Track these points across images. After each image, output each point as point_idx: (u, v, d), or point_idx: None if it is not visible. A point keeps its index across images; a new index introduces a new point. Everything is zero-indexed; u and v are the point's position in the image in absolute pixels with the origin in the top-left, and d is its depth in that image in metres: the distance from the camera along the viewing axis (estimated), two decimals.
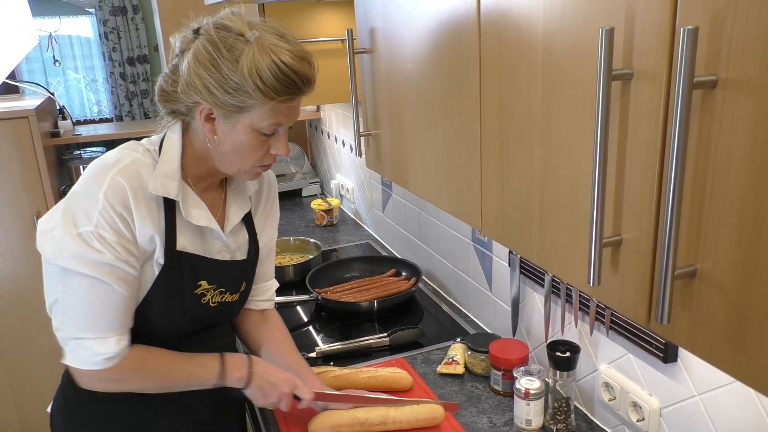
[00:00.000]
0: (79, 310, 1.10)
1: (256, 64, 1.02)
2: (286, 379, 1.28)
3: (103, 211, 1.06)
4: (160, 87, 1.15)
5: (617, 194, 0.67)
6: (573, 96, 0.72)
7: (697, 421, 1.12)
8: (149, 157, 1.14)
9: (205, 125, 1.10)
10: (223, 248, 1.26)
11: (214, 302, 1.26)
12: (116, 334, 1.12)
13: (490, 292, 1.76)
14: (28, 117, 2.55)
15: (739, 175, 0.54)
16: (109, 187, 1.06)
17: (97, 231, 1.06)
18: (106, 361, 1.12)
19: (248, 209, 1.31)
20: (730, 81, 0.53)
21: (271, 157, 1.16)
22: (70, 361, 1.13)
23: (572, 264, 0.78)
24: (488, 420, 1.40)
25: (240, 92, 1.04)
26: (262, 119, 1.08)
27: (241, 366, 1.25)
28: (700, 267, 0.59)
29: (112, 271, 1.08)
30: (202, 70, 1.05)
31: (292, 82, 1.05)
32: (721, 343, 0.58)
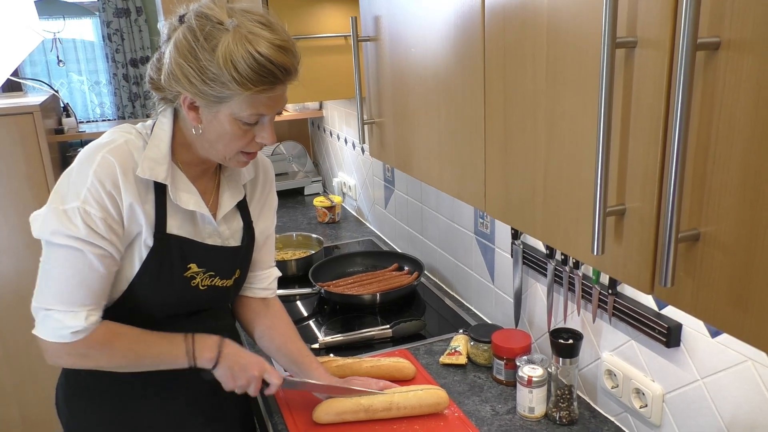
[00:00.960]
0: (55, 281, 1.10)
1: (231, 54, 1.00)
2: (255, 362, 1.27)
3: (92, 187, 1.07)
4: (149, 75, 1.15)
5: (621, 163, 0.68)
6: (577, 67, 0.73)
7: (700, 406, 1.12)
8: (141, 139, 1.15)
9: (189, 113, 1.11)
10: (215, 233, 1.26)
11: (204, 285, 1.26)
12: (87, 309, 1.12)
13: (492, 284, 1.77)
14: (33, 113, 2.56)
15: (741, 137, 0.54)
16: (100, 165, 1.08)
17: (83, 206, 1.07)
18: (72, 335, 1.11)
19: (242, 197, 1.31)
20: (732, 42, 0.53)
21: (257, 145, 1.15)
22: (38, 331, 1.13)
23: (576, 236, 0.78)
24: (491, 408, 1.40)
25: (217, 82, 1.03)
26: (243, 109, 1.07)
27: (211, 347, 1.24)
28: (704, 231, 0.59)
29: (92, 247, 1.09)
30: (182, 60, 1.04)
31: (268, 72, 1.03)
32: (724, 305, 0.58)
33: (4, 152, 2.59)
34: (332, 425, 1.33)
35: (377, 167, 2.55)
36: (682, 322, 1.13)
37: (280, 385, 1.29)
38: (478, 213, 1.80)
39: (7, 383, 2.83)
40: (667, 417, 1.20)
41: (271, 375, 1.29)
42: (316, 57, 2.13)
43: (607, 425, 1.34)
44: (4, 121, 2.56)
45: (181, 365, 1.23)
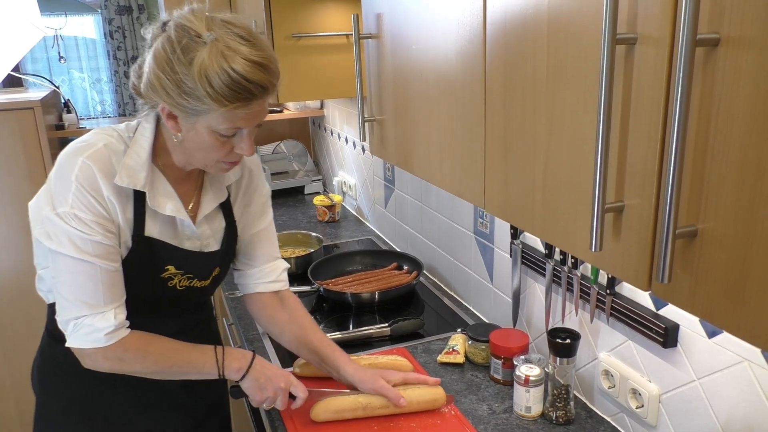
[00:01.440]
0: (71, 289, 1.12)
1: (205, 70, 0.99)
2: (282, 375, 1.29)
3: (77, 192, 1.09)
4: (132, 81, 1.15)
5: (620, 160, 0.68)
6: (577, 63, 0.73)
7: (696, 406, 1.12)
8: (122, 143, 1.15)
9: (168, 122, 1.11)
10: (193, 236, 1.26)
11: (182, 286, 1.27)
12: (112, 307, 1.14)
13: (491, 284, 1.77)
14: (34, 108, 2.57)
15: (740, 133, 0.54)
16: (81, 170, 1.09)
17: (73, 211, 1.08)
18: (106, 337, 1.13)
19: (224, 198, 1.30)
20: (732, 38, 0.54)
21: (237, 156, 1.15)
22: (72, 342, 1.15)
23: (575, 233, 0.78)
24: (488, 407, 1.40)
25: (192, 96, 1.02)
26: (219, 123, 1.06)
27: (241, 358, 1.27)
28: (701, 227, 0.60)
29: (94, 248, 1.11)
30: (159, 71, 1.04)
31: (244, 89, 1.01)
32: (721, 302, 0.59)
33: (5, 147, 2.59)
34: (330, 423, 1.33)
35: (378, 167, 2.55)
36: (679, 323, 1.13)
37: (305, 398, 1.31)
38: (477, 212, 1.80)
39: (6, 379, 2.83)
40: (663, 417, 1.20)
41: (297, 388, 1.30)
42: (318, 55, 2.13)
43: (604, 425, 1.34)
44: (5, 116, 2.56)
45: (210, 375, 1.25)
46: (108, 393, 1.29)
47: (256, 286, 1.43)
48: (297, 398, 1.30)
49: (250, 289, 1.44)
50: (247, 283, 1.44)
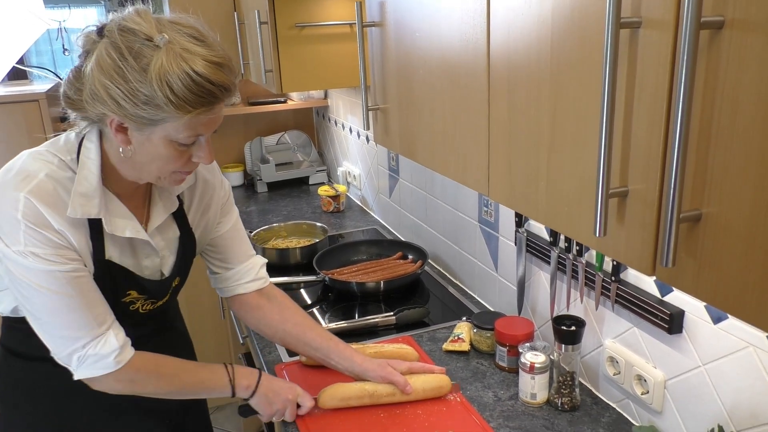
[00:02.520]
0: (58, 325, 1.07)
1: (165, 75, 0.92)
2: (288, 387, 1.31)
3: (27, 231, 1.02)
4: (64, 93, 1.04)
5: (624, 145, 0.68)
6: (581, 48, 0.73)
7: (701, 392, 1.12)
8: (66, 169, 1.06)
9: (116, 136, 1.01)
10: (152, 253, 1.22)
11: (145, 309, 1.24)
12: (107, 328, 1.10)
13: (496, 273, 1.77)
14: (39, 101, 2.57)
15: (744, 117, 0.54)
16: (26, 207, 1.01)
17: (28, 249, 1.02)
18: (115, 361, 1.10)
19: (175, 208, 1.24)
20: (737, 21, 0.53)
21: (193, 165, 1.09)
22: (82, 374, 1.11)
23: (579, 219, 0.78)
24: (493, 394, 1.41)
25: (150, 105, 0.94)
26: (179, 131, 0.99)
27: (249, 375, 1.28)
28: (706, 211, 0.60)
29: (65, 277, 1.05)
30: (107, 80, 0.95)
31: (207, 92, 0.95)
32: (725, 286, 0.59)
33: (10, 139, 2.60)
34: (337, 410, 1.34)
35: (382, 156, 2.55)
36: (684, 309, 1.13)
37: (312, 407, 1.32)
38: (482, 201, 1.80)
39: None
40: (669, 403, 1.21)
41: (303, 398, 1.32)
42: (321, 45, 2.12)
43: (609, 411, 1.34)
44: (10, 109, 2.57)
45: (221, 394, 1.25)
46: (75, 404, 1.24)
47: (236, 288, 1.39)
48: (303, 407, 1.31)
49: (230, 291, 1.39)
50: (226, 287, 1.39)
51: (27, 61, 4.02)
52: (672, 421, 1.21)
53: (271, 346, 1.65)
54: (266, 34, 2.09)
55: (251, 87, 3.28)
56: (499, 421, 1.32)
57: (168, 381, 1.19)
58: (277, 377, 1.33)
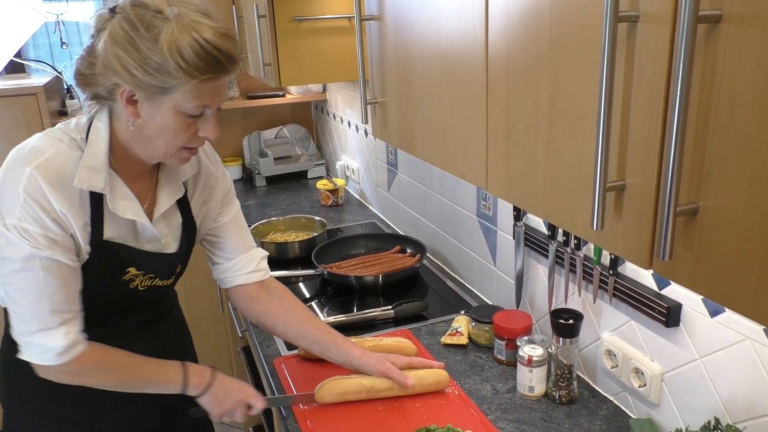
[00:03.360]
0: (21, 303, 1.10)
1: (176, 42, 0.97)
2: (240, 389, 1.30)
3: (25, 204, 1.05)
4: (77, 70, 1.09)
5: (622, 138, 0.68)
6: (579, 42, 0.73)
7: (698, 385, 1.13)
8: (75, 147, 1.10)
9: (127, 108, 1.06)
10: (153, 238, 1.23)
11: (143, 286, 1.25)
12: (59, 324, 1.10)
13: (494, 267, 1.78)
14: (37, 94, 2.57)
15: (741, 110, 0.54)
16: (29, 181, 1.04)
17: (20, 224, 1.05)
18: (57, 356, 1.11)
19: (181, 194, 1.27)
20: (734, 15, 0.53)
21: (200, 140, 1.12)
22: (26, 356, 1.12)
23: (576, 212, 0.79)
24: (491, 387, 1.42)
25: (161, 72, 0.99)
26: (187, 100, 1.03)
27: (201, 374, 1.27)
28: (703, 204, 0.60)
29: (42, 263, 1.07)
30: (120, 51, 1.00)
31: (215, 60, 1.00)
32: (722, 278, 0.59)
33: (8, 133, 2.59)
34: (336, 405, 1.34)
35: (380, 150, 2.55)
36: (681, 303, 1.14)
37: (262, 408, 1.32)
38: (480, 195, 1.80)
39: None
40: (666, 396, 1.21)
41: (255, 400, 1.31)
42: (320, 39, 2.12)
43: (606, 404, 1.35)
44: (8, 102, 2.56)
45: (170, 390, 1.25)
46: (76, 394, 1.24)
47: (237, 278, 1.39)
48: (254, 408, 1.31)
49: (231, 282, 1.40)
50: (227, 277, 1.40)
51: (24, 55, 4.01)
52: (669, 413, 1.21)
53: (270, 339, 1.66)
54: (265, 27, 2.08)
55: (250, 80, 3.27)
56: (497, 414, 1.32)
57: (112, 375, 1.19)
58: (231, 378, 1.32)
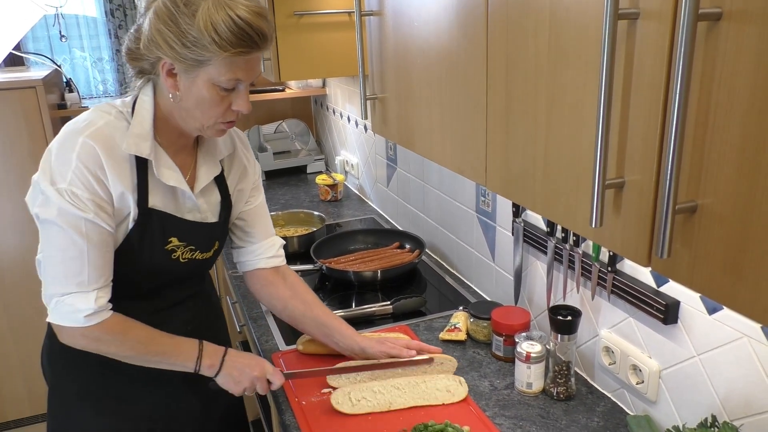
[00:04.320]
0: (58, 265, 1.15)
1: (211, 18, 1.06)
2: (256, 364, 1.33)
3: (76, 170, 1.11)
4: (127, 46, 1.19)
5: (621, 136, 0.68)
6: (579, 39, 0.73)
7: (696, 382, 1.13)
8: (122, 119, 1.19)
9: (167, 80, 1.14)
10: (194, 208, 1.30)
11: (185, 258, 1.30)
12: (94, 288, 1.16)
13: (493, 263, 1.78)
14: (36, 87, 2.56)
15: (740, 109, 0.54)
16: (82, 148, 1.12)
17: (70, 188, 1.11)
18: (85, 318, 1.16)
19: (219, 172, 1.34)
20: (734, 13, 0.53)
21: (234, 114, 1.19)
22: (53, 318, 1.18)
23: (575, 210, 0.79)
24: (489, 383, 1.42)
25: (197, 45, 1.07)
26: (221, 73, 1.11)
27: (213, 355, 1.30)
28: (701, 202, 0.60)
29: (86, 226, 1.13)
30: (162, 26, 1.09)
31: (247, 36, 1.08)
32: (720, 276, 0.59)
33: (8, 126, 2.59)
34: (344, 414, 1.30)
35: (380, 145, 2.54)
36: (679, 300, 1.14)
37: (282, 383, 1.34)
38: (479, 191, 1.80)
39: (14, 358, 2.86)
40: (663, 393, 1.22)
41: (274, 375, 1.34)
42: (320, 33, 2.12)
43: (604, 401, 1.35)
44: (7, 96, 2.56)
45: (184, 368, 1.28)
46: (119, 373, 1.31)
47: (258, 262, 1.46)
48: (274, 384, 1.34)
49: (251, 266, 1.47)
50: (247, 260, 1.47)
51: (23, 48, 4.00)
52: (666, 410, 1.21)
53: (269, 334, 1.66)
54: None
55: None
56: (495, 410, 1.33)
57: (131, 346, 1.23)
58: (246, 354, 1.34)
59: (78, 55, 4.61)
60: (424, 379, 1.36)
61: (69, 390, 1.34)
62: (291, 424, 1.31)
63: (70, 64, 4.55)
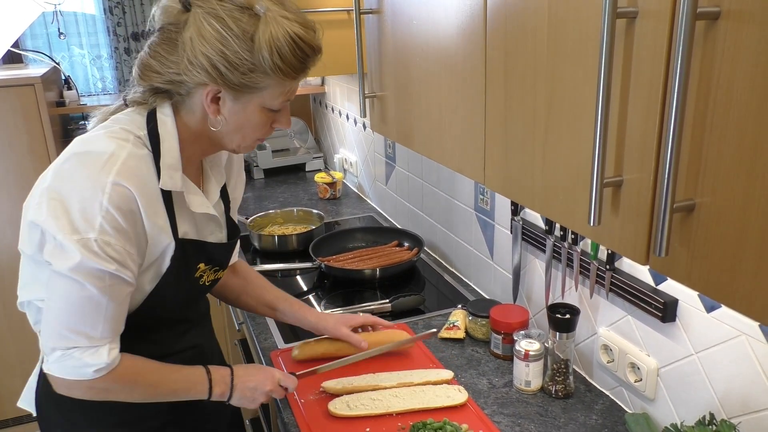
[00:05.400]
0: (69, 318, 1.02)
1: (275, 42, 0.97)
2: (265, 378, 1.27)
3: (107, 216, 0.97)
4: (146, 64, 1.05)
5: (619, 135, 0.68)
6: (578, 38, 0.73)
7: (694, 380, 1.13)
8: (142, 146, 1.05)
9: (210, 107, 1.04)
10: (216, 229, 1.23)
11: (209, 281, 1.25)
12: (107, 342, 1.05)
13: (491, 261, 1.78)
14: (34, 85, 2.56)
15: (738, 107, 0.55)
16: (114, 191, 0.97)
17: (102, 237, 0.97)
18: (94, 372, 1.05)
19: (224, 180, 1.27)
20: (732, 12, 0.53)
21: (272, 130, 1.13)
22: (53, 370, 1.05)
23: (574, 208, 0.79)
24: (488, 381, 1.42)
25: (256, 72, 0.99)
26: (275, 98, 1.04)
27: (221, 382, 1.22)
28: (699, 201, 0.60)
29: (111, 280, 1.01)
30: (210, 49, 0.97)
31: (307, 57, 1.01)
32: (717, 274, 0.59)
33: (6, 124, 2.59)
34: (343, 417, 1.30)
35: (378, 144, 2.54)
36: (678, 298, 1.14)
37: (296, 385, 1.32)
38: (478, 189, 1.80)
39: (13, 358, 2.86)
40: (662, 391, 1.22)
41: (286, 380, 1.30)
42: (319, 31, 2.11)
43: (602, 399, 1.35)
44: (6, 93, 2.56)
45: (199, 398, 1.21)
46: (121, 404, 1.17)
47: None
48: (289, 387, 1.31)
49: None
50: None
51: (22, 45, 3.99)
52: (664, 408, 1.22)
53: (267, 332, 1.66)
54: None
55: None
56: (494, 408, 1.33)
57: (141, 392, 1.14)
58: (253, 370, 1.29)
59: (76, 53, 4.60)
60: (423, 389, 1.36)
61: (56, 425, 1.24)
62: (290, 422, 1.31)
63: (69, 61, 4.54)
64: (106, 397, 1.11)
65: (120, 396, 1.12)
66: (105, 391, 1.09)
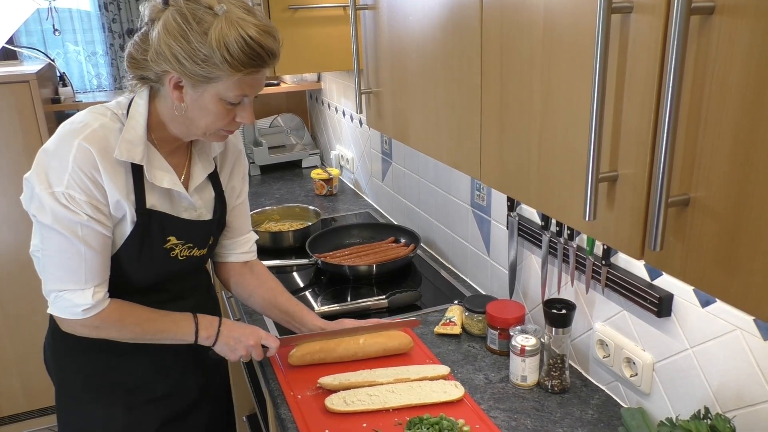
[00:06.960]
0: (56, 265, 1.19)
1: (224, 37, 1.06)
2: (250, 333, 1.38)
3: (73, 173, 1.12)
4: (130, 54, 1.19)
5: (614, 129, 0.69)
6: (573, 33, 0.73)
7: (689, 374, 1.14)
8: (117, 121, 1.20)
9: (173, 93, 1.15)
10: (190, 207, 1.33)
11: (183, 256, 1.33)
12: (92, 286, 1.20)
13: (488, 257, 1.78)
14: (29, 81, 2.55)
15: (733, 102, 0.55)
16: (78, 151, 1.13)
17: (68, 191, 1.13)
18: (83, 312, 1.20)
19: (212, 169, 1.37)
20: (727, 7, 0.54)
21: (237, 124, 1.22)
22: (53, 310, 1.23)
23: (569, 203, 0.79)
24: (484, 377, 1.42)
25: (208, 63, 1.08)
26: (229, 90, 1.13)
27: (209, 327, 1.35)
28: (694, 195, 0.60)
29: (83, 230, 1.16)
30: (172, 41, 1.09)
31: (257, 55, 1.09)
32: (712, 269, 0.59)
33: (1, 121, 2.58)
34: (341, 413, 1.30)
35: (375, 140, 2.54)
36: (673, 293, 1.14)
37: (278, 346, 1.40)
38: (474, 185, 1.81)
39: (9, 354, 2.86)
40: (657, 385, 1.22)
41: (268, 339, 1.39)
42: (315, 28, 2.11)
43: (598, 394, 1.36)
44: (0, 90, 2.55)
45: (183, 341, 1.33)
46: (126, 363, 1.35)
47: (229, 256, 1.52)
48: (270, 348, 1.39)
49: (222, 257, 1.53)
50: (219, 253, 1.52)
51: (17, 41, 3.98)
52: (660, 403, 1.22)
53: (263, 328, 1.66)
54: None
55: None
56: (490, 403, 1.33)
57: (130, 329, 1.27)
58: (240, 324, 1.40)
59: (71, 50, 4.59)
60: (419, 384, 1.36)
61: (74, 383, 1.37)
62: (287, 418, 1.32)
63: (64, 58, 4.53)
64: (98, 334, 1.26)
65: (111, 333, 1.26)
66: (97, 329, 1.25)
